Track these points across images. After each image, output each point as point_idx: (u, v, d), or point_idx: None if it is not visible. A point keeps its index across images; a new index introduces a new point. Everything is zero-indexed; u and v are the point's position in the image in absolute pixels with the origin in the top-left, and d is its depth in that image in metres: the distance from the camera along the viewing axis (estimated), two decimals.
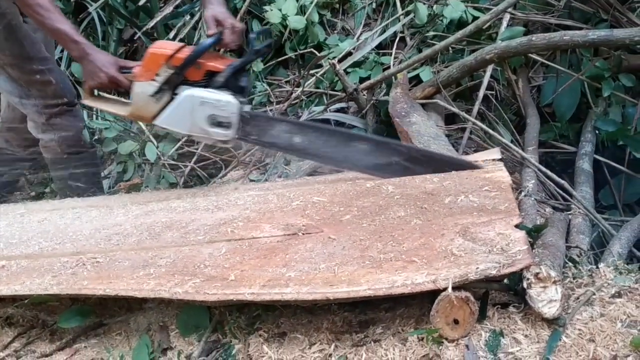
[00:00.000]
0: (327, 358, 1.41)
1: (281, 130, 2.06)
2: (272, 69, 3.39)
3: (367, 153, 1.98)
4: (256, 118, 2.07)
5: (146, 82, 2.05)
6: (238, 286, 1.44)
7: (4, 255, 1.84)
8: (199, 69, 2.01)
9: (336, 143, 2.01)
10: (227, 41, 2.05)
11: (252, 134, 2.07)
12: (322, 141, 2.03)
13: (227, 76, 1.99)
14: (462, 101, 3.02)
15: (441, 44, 2.73)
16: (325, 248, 1.55)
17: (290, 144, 2.06)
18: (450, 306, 1.31)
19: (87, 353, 1.65)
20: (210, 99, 2.00)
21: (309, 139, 2.04)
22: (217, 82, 2.00)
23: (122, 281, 1.55)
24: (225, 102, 1.99)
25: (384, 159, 1.96)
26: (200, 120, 2.03)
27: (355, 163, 2.01)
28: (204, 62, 2.01)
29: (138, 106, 2.10)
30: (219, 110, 2.00)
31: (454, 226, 1.53)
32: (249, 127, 2.05)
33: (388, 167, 1.96)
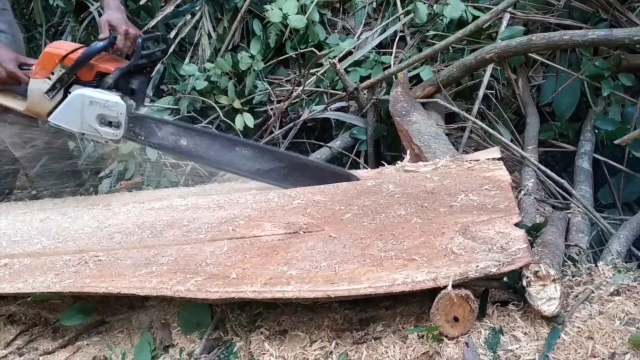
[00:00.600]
0: (327, 355, 1.42)
1: (167, 132, 2.15)
2: (273, 68, 3.40)
3: (249, 158, 2.09)
4: (144, 119, 2.15)
5: (41, 80, 2.12)
6: (240, 284, 1.45)
7: (7, 254, 1.85)
8: (90, 70, 2.09)
9: (220, 147, 2.11)
10: (119, 46, 2.12)
11: (141, 134, 2.15)
12: (206, 145, 2.12)
13: (116, 78, 2.08)
14: (462, 100, 3.02)
15: (441, 44, 2.73)
16: (326, 246, 1.56)
17: (176, 145, 2.15)
18: (450, 304, 1.32)
19: (89, 350, 1.66)
20: (98, 98, 2.08)
21: (194, 142, 2.13)
22: (107, 83, 2.10)
23: (125, 279, 1.56)
24: (113, 103, 2.08)
25: (266, 165, 2.07)
26: (90, 119, 2.11)
27: (239, 167, 2.11)
28: (96, 64, 2.09)
29: (33, 102, 2.16)
30: (108, 110, 2.09)
31: (454, 225, 1.54)
32: (137, 128, 2.14)
33: (270, 173, 2.08)
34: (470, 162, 1.93)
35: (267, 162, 2.08)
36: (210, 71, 3.23)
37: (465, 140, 2.70)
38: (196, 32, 3.48)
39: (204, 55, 3.43)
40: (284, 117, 3.22)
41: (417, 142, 2.22)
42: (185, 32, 3.45)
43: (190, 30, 3.49)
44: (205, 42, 3.43)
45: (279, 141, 3.19)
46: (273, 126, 3.18)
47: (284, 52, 3.35)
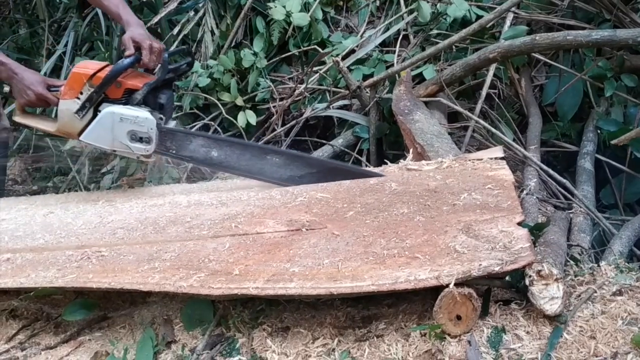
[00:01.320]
0: (330, 353, 1.42)
1: (198, 144, 2.17)
2: (276, 65, 3.40)
3: (280, 166, 2.10)
4: (174, 133, 2.18)
5: (70, 100, 2.14)
6: (242, 280, 1.45)
7: (9, 248, 1.85)
8: (118, 87, 2.12)
9: (250, 157, 2.13)
10: (145, 61, 2.14)
11: (172, 148, 2.18)
12: (237, 155, 2.14)
13: (144, 94, 2.11)
14: (464, 99, 3.03)
15: (445, 43, 2.73)
16: (329, 244, 1.56)
17: (207, 157, 2.17)
18: (453, 302, 1.32)
19: (92, 346, 1.65)
20: (128, 115, 2.11)
21: (225, 153, 2.15)
22: (135, 99, 2.12)
23: (127, 275, 1.56)
24: (143, 119, 2.10)
25: (298, 171, 2.08)
26: (121, 136, 2.13)
27: (271, 175, 2.11)
28: (124, 81, 2.11)
29: (64, 123, 2.17)
30: (138, 126, 2.11)
31: (457, 223, 1.55)
32: (168, 142, 2.17)
33: (302, 179, 2.07)
34: (473, 161, 1.93)
35: (298, 169, 2.09)
36: (213, 68, 3.23)
37: (468, 139, 2.70)
38: (199, 29, 3.48)
39: (207, 52, 3.43)
40: (286, 114, 3.23)
41: (419, 140, 2.23)
42: (189, 29, 3.45)
43: (193, 27, 3.49)
44: (208, 39, 3.43)
45: (281, 139, 3.19)
46: (275, 124, 3.18)
47: (287, 49, 3.36)
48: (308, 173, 2.08)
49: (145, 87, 2.12)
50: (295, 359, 1.42)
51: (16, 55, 4.26)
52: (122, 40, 2.19)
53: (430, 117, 2.47)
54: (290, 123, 3.13)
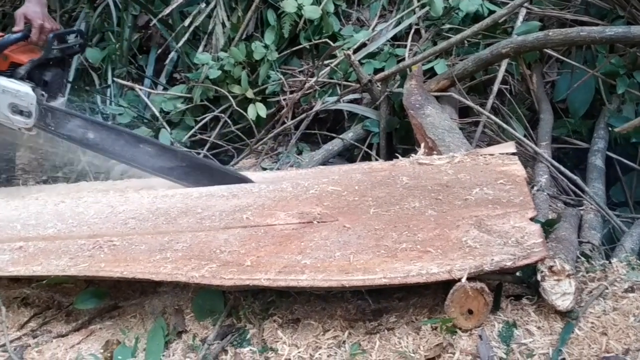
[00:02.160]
0: (340, 345, 1.43)
1: (76, 125, 2.24)
2: (286, 59, 3.39)
3: (152, 156, 2.18)
4: (54, 111, 2.23)
5: None
6: (254, 272, 1.45)
7: (22, 237, 1.87)
8: (5, 60, 2.19)
9: (125, 143, 2.21)
10: (34, 39, 2.22)
11: (51, 125, 2.24)
12: (112, 140, 2.22)
13: (28, 69, 2.19)
14: (475, 95, 3.02)
15: (457, 37, 2.72)
16: (340, 236, 1.56)
17: (84, 138, 2.24)
18: (465, 296, 1.32)
19: (103, 334, 1.67)
20: (10, 88, 2.18)
21: (101, 136, 2.22)
22: (19, 73, 2.19)
23: (139, 264, 1.57)
24: (24, 93, 2.17)
25: (169, 163, 2.17)
26: (2, 107, 2.20)
27: (143, 163, 2.20)
28: (10, 54, 2.19)
29: None
30: (19, 100, 2.19)
31: (469, 218, 1.55)
32: (47, 118, 2.23)
33: (172, 171, 2.16)
34: (485, 157, 1.93)
35: (169, 161, 2.17)
36: (223, 60, 3.23)
37: (479, 134, 2.69)
38: (210, 21, 3.47)
39: (218, 44, 3.43)
40: (296, 108, 3.22)
41: (431, 135, 2.22)
42: (200, 21, 3.45)
43: (205, 19, 3.49)
44: (219, 31, 3.43)
45: (291, 132, 3.19)
46: (285, 117, 3.18)
47: (298, 42, 3.34)
48: (178, 166, 2.16)
49: (30, 63, 2.18)
50: (306, 350, 1.43)
51: None
52: (15, 15, 2.27)
53: (442, 112, 2.46)
54: (300, 116, 3.12)
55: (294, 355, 1.42)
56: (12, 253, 1.76)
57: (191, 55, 3.51)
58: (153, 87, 3.61)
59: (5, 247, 1.80)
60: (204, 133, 3.39)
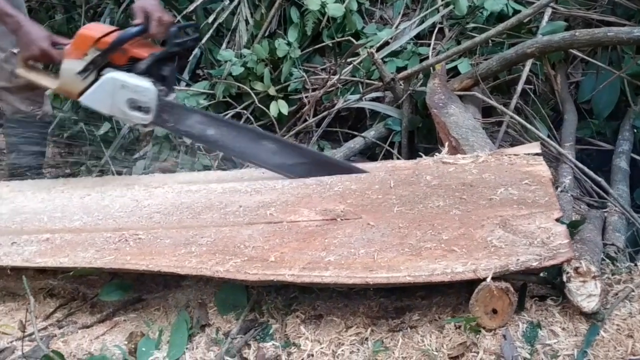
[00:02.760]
0: (363, 342, 1.43)
1: (196, 121, 2.19)
2: (309, 56, 3.40)
3: (274, 152, 2.13)
4: (173, 107, 2.20)
5: (75, 60, 2.15)
6: (278, 267, 1.46)
7: (48, 229, 1.90)
8: (123, 54, 2.13)
9: (247, 140, 2.17)
10: (153, 32, 2.14)
11: (169, 121, 2.19)
12: (233, 136, 2.17)
13: (149, 64, 2.12)
14: (498, 94, 3.00)
15: (482, 37, 2.71)
16: (364, 234, 1.56)
17: (203, 134, 2.20)
18: (489, 296, 1.32)
19: (127, 326, 1.69)
20: (130, 83, 2.12)
21: (222, 133, 2.18)
22: (139, 68, 2.13)
23: (164, 258, 1.59)
24: (144, 88, 2.12)
25: (289, 160, 2.11)
26: (120, 103, 2.15)
27: (264, 160, 2.14)
28: (129, 49, 2.12)
29: (65, 81, 2.20)
30: (138, 95, 2.13)
31: (493, 218, 1.54)
32: (166, 114, 2.18)
33: (292, 168, 2.10)
34: (510, 157, 1.91)
35: (290, 158, 2.12)
36: (246, 57, 3.24)
37: (502, 134, 2.68)
38: (234, 17, 3.49)
39: (241, 41, 3.45)
40: (318, 105, 3.23)
41: (454, 134, 2.22)
42: (223, 18, 3.47)
43: (228, 16, 3.50)
44: (243, 28, 3.44)
45: (312, 129, 3.20)
46: (307, 114, 3.18)
47: (321, 40, 3.35)
48: (298, 163, 2.11)
49: (150, 57, 2.12)
50: (329, 346, 1.44)
51: None
52: (132, 8, 2.22)
53: (465, 111, 2.46)
54: (322, 114, 3.13)
55: (317, 351, 1.43)
56: (39, 244, 1.79)
57: (214, 52, 3.53)
58: (176, 83, 3.64)
59: (33, 239, 1.83)
60: None
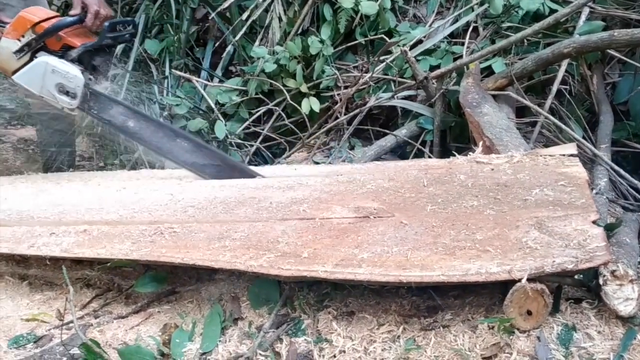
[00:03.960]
0: (395, 339, 1.43)
1: (118, 111, 2.33)
2: (341, 54, 3.40)
3: (188, 151, 2.27)
4: (99, 96, 2.33)
5: (12, 40, 2.29)
6: (311, 263, 1.47)
7: (85, 220, 1.93)
8: (58, 40, 2.28)
9: (163, 135, 2.29)
10: (88, 24, 2.32)
11: (94, 108, 2.33)
12: (151, 131, 2.30)
13: (79, 53, 2.28)
14: (532, 95, 2.97)
15: (517, 36, 2.68)
16: (397, 232, 1.57)
17: (124, 125, 2.33)
18: (524, 297, 1.31)
19: (161, 318, 1.72)
20: (60, 68, 2.26)
21: (141, 126, 2.31)
22: (71, 56, 2.28)
23: (199, 252, 1.61)
24: (72, 75, 2.26)
25: (202, 160, 2.26)
26: (49, 85, 2.29)
27: (178, 157, 2.28)
28: (64, 36, 2.28)
29: (2, 58, 2.33)
30: (67, 81, 2.27)
31: (528, 219, 1.53)
32: (91, 102, 2.32)
33: (204, 168, 2.26)
34: (545, 157, 1.90)
35: (202, 158, 2.26)
36: (279, 54, 3.26)
37: (536, 135, 2.65)
38: (267, 15, 3.50)
39: (274, 38, 3.46)
40: (349, 103, 3.23)
41: (488, 134, 2.20)
42: (257, 15, 3.49)
43: (262, 13, 3.52)
44: (276, 25, 3.46)
45: (344, 127, 3.20)
46: (338, 112, 3.19)
47: (353, 38, 3.35)
48: (210, 164, 2.25)
49: (82, 47, 2.27)
50: (360, 343, 1.44)
51: None
52: None
53: (499, 111, 2.44)
54: (354, 112, 3.13)
55: (349, 348, 1.44)
56: (77, 236, 1.83)
57: (247, 48, 3.55)
58: (209, 79, 3.67)
59: (71, 230, 1.87)
60: (258, 126, 3.43)
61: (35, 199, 2.23)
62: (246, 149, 3.37)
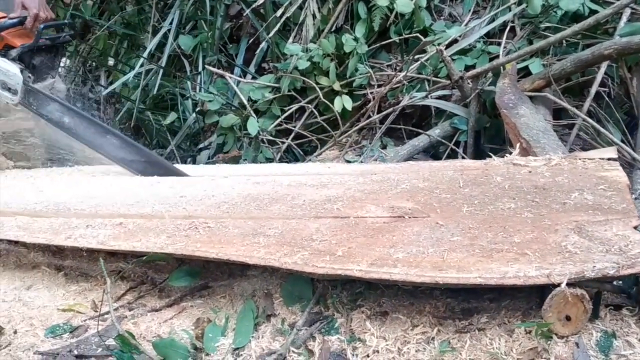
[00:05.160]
0: (429, 341, 1.42)
1: (54, 108, 2.53)
2: (375, 52, 3.39)
3: (116, 147, 2.47)
4: (37, 93, 2.53)
5: None
6: (346, 262, 1.46)
7: (121, 214, 1.96)
8: (0, 40, 2.47)
9: (95, 131, 2.50)
10: (28, 27, 2.49)
11: (33, 104, 2.53)
12: (84, 127, 2.51)
13: (19, 52, 2.47)
14: (570, 96, 2.91)
15: (556, 36, 2.63)
16: (432, 233, 1.55)
17: (60, 121, 2.53)
18: (564, 302, 1.29)
19: (194, 312, 1.73)
20: (1, 67, 2.46)
21: (75, 122, 2.51)
22: (11, 55, 2.48)
23: (233, 247, 1.61)
24: (12, 73, 2.46)
25: (130, 156, 2.45)
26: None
27: (108, 152, 2.49)
28: (6, 37, 2.48)
29: None
30: (7, 78, 2.47)
31: (567, 223, 1.50)
32: (31, 98, 2.52)
33: (132, 164, 2.44)
34: (584, 160, 1.86)
35: (130, 154, 2.46)
36: (312, 52, 3.25)
37: (573, 137, 2.61)
38: (301, 12, 3.50)
39: (307, 35, 3.46)
40: (382, 101, 3.21)
41: (525, 136, 2.17)
42: (291, 12, 3.49)
43: (296, 10, 3.52)
44: (310, 23, 3.45)
45: (376, 125, 3.19)
46: (371, 110, 3.17)
47: (388, 36, 3.33)
48: (136, 160, 2.44)
49: (20, 47, 2.47)
50: (394, 343, 1.43)
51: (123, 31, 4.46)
52: (14, 2, 2.51)
53: (536, 113, 2.40)
54: (387, 110, 3.11)
55: (382, 348, 1.43)
56: (113, 228, 1.85)
57: (281, 45, 3.56)
58: (242, 76, 3.69)
59: (107, 222, 1.90)
60: (289, 123, 3.44)
61: (71, 191, 2.27)
62: (277, 146, 3.38)
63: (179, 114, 3.88)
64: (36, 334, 1.67)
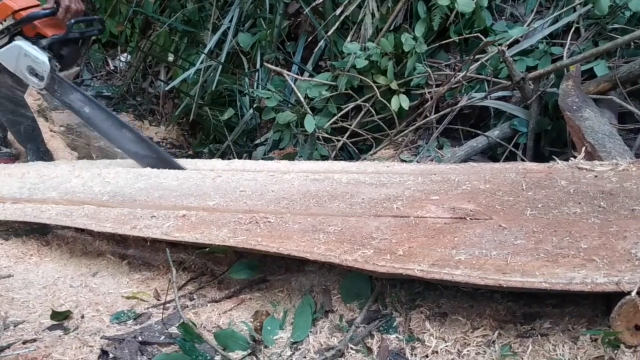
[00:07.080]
0: (490, 344, 1.40)
1: (77, 97, 2.67)
2: (434, 51, 3.36)
3: (131, 141, 2.61)
4: (62, 81, 2.65)
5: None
6: (407, 261, 1.46)
7: (184, 206, 2.01)
8: (33, 29, 2.59)
9: (111, 124, 2.65)
10: (59, 17, 2.58)
11: (58, 92, 2.66)
12: (102, 119, 2.66)
13: (49, 42, 2.59)
14: (636, 100, 2.83)
15: (625, 38, 2.56)
16: (495, 236, 1.53)
17: (81, 110, 2.67)
18: (634, 311, 1.25)
19: (252, 304, 1.75)
20: (31, 54, 2.58)
21: (94, 113, 2.67)
22: (42, 44, 2.60)
23: (293, 242, 1.63)
24: (41, 61, 2.58)
25: (142, 151, 2.60)
26: (22, 67, 2.62)
27: (122, 145, 2.64)
28: (39, 26, 2.59)
29: None
30: (36, 65, 2.59)
31: (637, 230, 1.46)
32: (56, 86, 2.64)
33: (144, 159, 2.57)
34: None
35: (143, 150, 2.59)
36: (371, 50, 3.25)
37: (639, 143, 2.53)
38: (360, 10, 3.51)
39: (366, 34, 3.46)
40: (440, 101, 3.19)
41: (590, 139, 2.12)
42: (350, 10, 3.50)
43: (355, 9, 3.53)
44: (368, 21, 3.46)
45: (433, 125, 3.17)
46: (428, 110, 3.15)
47: (447, 36, 3.30)
48: (149, 156, 2.58)
49: (51, 38, 2.58)
50: (454, 345, 1.42)
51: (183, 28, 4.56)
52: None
53: (601, 116, 2.34)
54: (444, 110, 3.08)
55: (441, 349, 1.42)
56: (176, 220, 1.90)
57: (339, 44, 3.57)
58: (299, 74, 3.72)
59: (170, 214, 1.94)
60: (345, 121, 3.45)
61: (135, 182, 2.33)
62: (333, 143, 3.39)
63: (236, 110, 3.94)
64: (102, 319, 1.73)
